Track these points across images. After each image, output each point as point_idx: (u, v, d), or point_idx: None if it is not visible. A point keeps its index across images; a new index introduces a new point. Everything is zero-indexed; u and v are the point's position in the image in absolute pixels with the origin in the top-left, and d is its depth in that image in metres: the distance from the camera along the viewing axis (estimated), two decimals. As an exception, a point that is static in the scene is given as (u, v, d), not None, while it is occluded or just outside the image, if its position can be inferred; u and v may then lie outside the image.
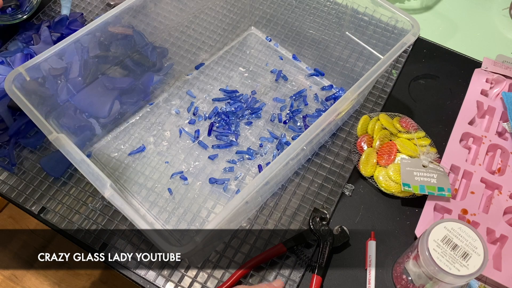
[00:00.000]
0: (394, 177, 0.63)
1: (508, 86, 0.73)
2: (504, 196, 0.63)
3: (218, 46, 0.80)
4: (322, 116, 0.49)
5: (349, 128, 0.71)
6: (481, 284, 0.56)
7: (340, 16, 0.72)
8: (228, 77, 0.77)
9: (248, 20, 0.83)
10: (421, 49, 0.82)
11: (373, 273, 0.57)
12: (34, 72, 0.53)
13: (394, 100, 0.75)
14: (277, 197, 0.64)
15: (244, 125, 0.71)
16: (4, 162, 0.66)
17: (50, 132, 0.47)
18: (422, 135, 0.68)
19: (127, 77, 0.68)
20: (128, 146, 0.68)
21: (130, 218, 0.41)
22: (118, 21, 0.60)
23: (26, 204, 0.63)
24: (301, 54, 0.79)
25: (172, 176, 0.65)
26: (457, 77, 0.78)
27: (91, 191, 0.64)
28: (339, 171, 0.67)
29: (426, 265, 0.48)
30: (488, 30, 0.87)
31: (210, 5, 0.79)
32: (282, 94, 0.75)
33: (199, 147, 0.69)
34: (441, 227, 0.49)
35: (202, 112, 0.73)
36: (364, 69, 0.70)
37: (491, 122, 0.71)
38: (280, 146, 0.69)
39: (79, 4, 0.85)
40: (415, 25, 0.58)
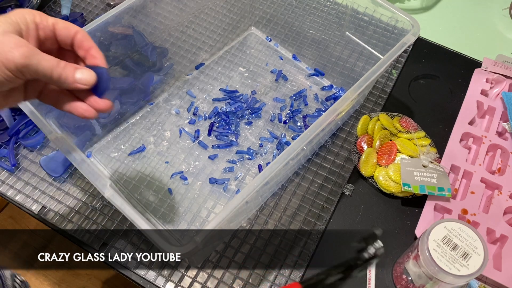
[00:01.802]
0: (394, 177, 0.63)
1: (508, 86, 0.73)
2: (504, 196, 0.63)
3: (218, 46, 0.80)
4: (322, 116, 0.49)
5: (349, 128, 0.71)
6: (481, 284, 0.56)
7: (340, 16, 0.72)
8: (228, 77, 0.77)
9: (248, 20, 0.83)
10: (421, 49, 0.82)
11: (373, 273, 0.57)
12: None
13: (394, 100, 0.75)
14: (277, 197, 0.64)
15: (244, 125, 0.71)
16: (4, 162, 0.66)
17: (50, 132, 0.47)
18: (422, 135, 0.68)
19: (127, 77, 0.68)
20: (128, 146, 0.68)
21: (130, 218, 0.41)
22: (118, 21, 0.60)
23: (26, 204, 0.63)
24: (301, 54, 0.79)
25: (172, 176, 0.65)
26: (457, 77, 0.78)
27: (91, 191, 0.64)
28: (339, 171, 0.67)
29: (426, 265, 0.48)
30: (488, 30, 0.87)
31: (210, 5, 0.79)
32: (282, 94, 0.75)
33: (199, 147, 0.69)
34: (441, 227, 0.49)
35: (202, 112, 0.73)
36: (364, 69, 0.70)
37: (491, 122, 0.71)
38: (280, 146, 0.69)
39: (79, 4, 0.85)
40: (415, 25, 0.58)
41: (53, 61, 0.36)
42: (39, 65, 0.35)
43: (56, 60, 0.36)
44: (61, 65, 0.36)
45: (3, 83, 0.34)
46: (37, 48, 0.35)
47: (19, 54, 0.33)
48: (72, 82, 0.38)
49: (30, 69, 0.34)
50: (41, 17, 0.37)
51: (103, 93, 0.40)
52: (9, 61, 0.33)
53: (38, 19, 0.37)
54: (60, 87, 0.39)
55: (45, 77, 0.36)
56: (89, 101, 0.40)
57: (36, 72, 0.35)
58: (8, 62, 0.33)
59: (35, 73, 0.35)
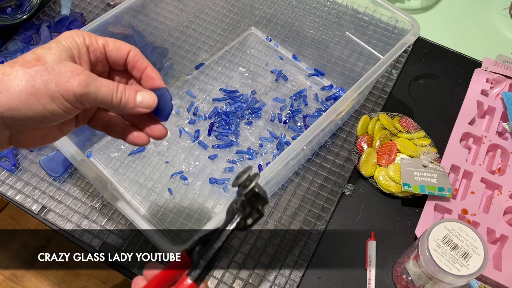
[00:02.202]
0: (394, 177, 0.63)
1: (508, 86, 0.73)
2: (504, 196, 0.62)
3: (218, 46, 0.80)
4: (322, 116, 0.49)
5: (349, 128, 0.71)
6: (481, 284, 0.56)
7: (340, 16, 0.72)
8: (228, 77, 0.77)
9: (248, 20, 0.83)
10: (421, 49, 0.82)
11: (373, 273, 0.57)
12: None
13: (394, 100, 0.75)
14: (277, 197, 0.64)
15: (244, 125, 0.71)
16: (4, 162, 0.66)
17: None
18: (422, 135, 0.68)
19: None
20: (128, 146, 0.68)
21: (130, 218, 0.41)
22: (118, 21, 0.60)
23: (26, 204, 0.63)
24: (301, 54, 0.79)
25: (172, 176, 0.65)
26: (457, 77, 0.78)
27: (91, 191, 0.64)
28: (339, 171, 0.67)
29: (426, 265, 0.48)
30: (488, 30, 0.87)
31: (210, 5, 0.79)
32: (282, 94, 0.75)
33: (199, 147, 0.69)
34: (441, 227, 0.49)
35: (202, 112, 0.73)
36: (364, 69, 0.70)
37: (491, 122, 0.71)
38: (280, 146, 0.69)
39: (79, 4, 0.85)
40: (415, 25, 0.58)
41: (111, 86, 0.33)
42: (98, 92, 0.32)
43: (115, 84, 0.33)
44: (121, 89, 0.34)
45: (62, 115, 0.31)
46: (93, 74, 0.32)
47: (77, 83, 0.31)
48: (133, 107, 0.35)
49: (89, 97, 0.32)
50: (90, 38, 0.34)
51: (168, 115, 0.37)
52: (68, 92, 0.30)
53: (88, 41, 0.34)
54: (119, 113, 0.37)
55: (105, 104, 0.33)
56: (144, 126, 0.38)
57: (95, 100, 0.32)
58: (68, 94, 0.30)
59: (94, 101, 0.32)
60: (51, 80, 0.30)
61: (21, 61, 0.30)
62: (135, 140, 0.38)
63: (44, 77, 0.30)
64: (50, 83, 0.30)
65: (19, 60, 0.30)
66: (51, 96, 0.30)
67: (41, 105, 0.30)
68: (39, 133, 0.34)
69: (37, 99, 0.30)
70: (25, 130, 0.32)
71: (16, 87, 0.29)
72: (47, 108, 0.30)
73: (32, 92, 0.29)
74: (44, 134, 0.34)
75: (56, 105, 0.30)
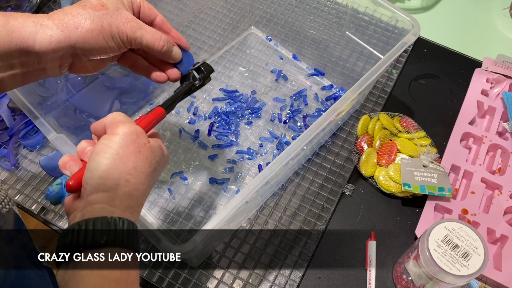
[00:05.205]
0: (395, 177, 0.63)
1: (508, 86, 0.73)
2: (504, 196, 0.62)
3: (218, 46, 0.80)
4: (322, 116, 0.49)
5: (349, 128, 0.71)
6: (482, 284, 0.56)
7: (340, 16, 0.72)
8: (228, 77, 0.77)
9: (248, 20, 0.83)
10: (421, 49, 0.82)
11: (373, 273, 0.57)
12: (34, 72, 0.53)
13: (394, 100, 0.75)
14: (277, 197, 0.64)
15: (244, 125, 0.71)
16: (4, 162, 0.66)
17: (50, 132, 0.47)
18: (423, 135, 0.68)
19: (127, 77, 0.68)
20: (128, 146, 0.68)
21: (130, 218, 0.41)
22: (118, 21, 0.60)
23: (26, 204, 0.63)
24: (301, 54, 0.79)
25: (172, 176, 0.65)
26: (458, 77, 0.78)
27: (91, 191, 0.64)
28: (339, 171, 0.67)
29: (426, 265, 0.48)
30: (488, 30, 0.87)
31: (210, 5, 0.79)
32: (282, 94, 0.75)
33: (199, 147, 0.69)
34: (441, 227, 0.49)
35: (202, 112, 0.72)
36: (364, 69, 0.70)
37: (491, 122, 0.70)
38: (280, 146, 0.69)
39: (79, 4, 0.85)
40: (415, 25, 0.58)
41: (156, 34, 0.42)
42: (143, 37, 0.41)
43: (158, 33, 0.43)
44: (163, 38, 0.43)
45: (115, 50, 0.41)
46: (141, 22, 0.42)
47: (130, 27, 0.40)
48: (170, 55, 0.45)
49: (136, 40, 0.41)
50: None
51: (187, 69, 0.47)
52: (123, 34, 0.40)
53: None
54: (156, 55, 0.45)
55: (148, 47, 0.42)
56: (165, 70, 0.47)
57: (140, 43, 0.42)
58: (122, 35, 0.40)
59: (139, 44, 0.42)
60: (113, 23, 0.39)
61: (90, 5, 0.39)
62: (157, 77, 0.47)
63: (108, 20, 0.39)
64: (112, 25, 0.39)
65: (87, 4, 0.39)
66: (112, 35, 0.40)
67: (105, 41, 0.40)
68: (91, 63, 0.43)
69: (103, 36, 0.39)
70: (84, 60, 0.42)
71: (90, 25, 0.38)
72: (108, 43, 0.40)
73: (101, 31, 0.39)
74: (95, 64, 0.44)
75: (114, 42, 0.40)
